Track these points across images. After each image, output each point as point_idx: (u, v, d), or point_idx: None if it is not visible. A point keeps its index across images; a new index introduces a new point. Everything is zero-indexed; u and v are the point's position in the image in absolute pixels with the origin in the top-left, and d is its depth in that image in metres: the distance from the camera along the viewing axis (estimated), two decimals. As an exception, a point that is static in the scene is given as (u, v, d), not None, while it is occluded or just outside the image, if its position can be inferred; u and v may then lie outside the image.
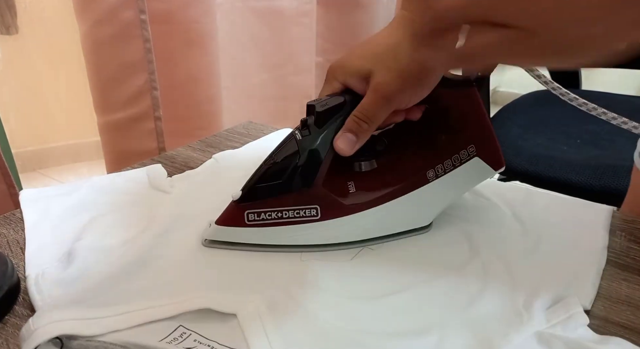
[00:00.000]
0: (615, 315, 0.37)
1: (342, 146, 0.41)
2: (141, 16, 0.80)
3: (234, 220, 0.42)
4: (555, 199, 0.52)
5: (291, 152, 0.41)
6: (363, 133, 0.41)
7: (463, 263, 0.42)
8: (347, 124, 0.41)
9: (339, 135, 0.41)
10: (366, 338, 0.34)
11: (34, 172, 1.97)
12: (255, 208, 0.41)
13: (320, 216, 0.42)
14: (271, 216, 0.41)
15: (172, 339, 0.33)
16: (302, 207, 0.41)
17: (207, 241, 0.43)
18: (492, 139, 0.44)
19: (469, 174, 0.44)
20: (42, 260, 0.41)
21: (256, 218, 0.41)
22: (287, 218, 0.41)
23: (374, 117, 0.41)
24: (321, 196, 0.42)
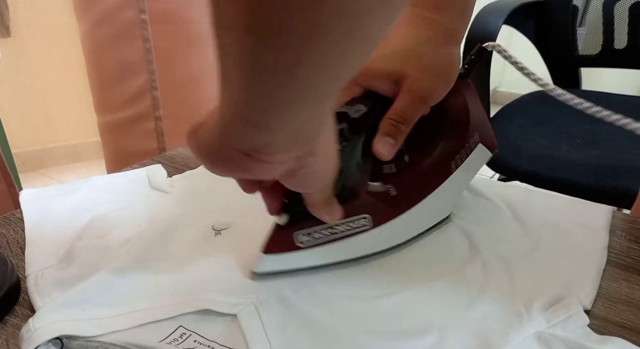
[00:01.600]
0: (615, 315, 0.37)
1: (383, 151, 0.40)
2: (141, 16, 0.80)
3: (283, 245, 0.38)
4: (555, 199, 0.52)
5: None
6: (401, 135, 0.41)
7: (463, 263, 0.42)
8: (383, 128, 0.40)
9: (377, 140, 0.40)
10: (366, 338, 0.34)
11: (34, 172, 1.97)
12: (304, 229, 0.38)
13: (372, 225, 0.40)
14: (323, 234, 0.39)
15: (172, 340, 0.33)
16: (353, 219, 0.40)
17: (256, 274, 0.39)
18: (488, 124, 0.47)
19: (476, 160, 0.45)
20: (42, 260, 0.41)
21: (307, 239, 0.39)
22: (339, 232, 0.39)
23: (411, 117, 0.41)
24: (370, 204, 0.41)
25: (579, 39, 1.26)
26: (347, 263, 0.41)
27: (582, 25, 1.26)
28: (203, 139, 0.28)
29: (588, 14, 1.25)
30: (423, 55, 0.41)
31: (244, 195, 0.51)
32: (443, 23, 0.41)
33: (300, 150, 0.27)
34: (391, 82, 0.41)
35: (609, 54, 1.24)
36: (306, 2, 0.18)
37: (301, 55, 0.20)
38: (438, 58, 0.41)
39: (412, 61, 0.41)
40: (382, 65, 0.41)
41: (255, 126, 0.24)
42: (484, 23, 1.04)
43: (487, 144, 0.46)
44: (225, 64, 0.22)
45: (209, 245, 0.43)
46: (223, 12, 0.20)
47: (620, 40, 1.22)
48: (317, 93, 0.23)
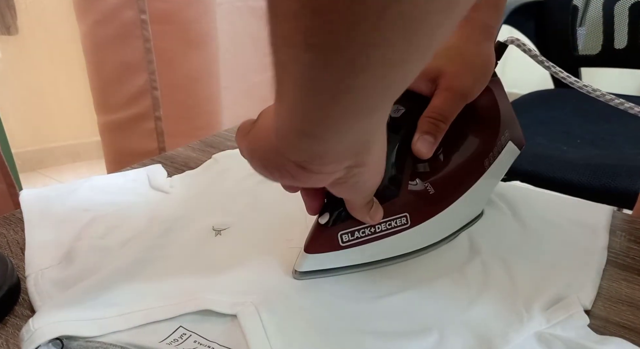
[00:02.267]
0: (615, 315, 0.37)
1: (423, 149, 0.40)
2: (141, 16, 0.80)
3: (327, 244, 0.39)
4: (555, 199, 0.52)
5: None
6: (440, 133, 0.41)
7: (463, 263, 0.42)
8: (422, 126, 0.40)
9: (416, 139, 0.40)
10: (366, 338, 0.34)
11: (34, 172, 1.97)
12: (348, 228, 0.39)
13: (410, 223, 0.41)
14: (365, 233, 0.39)
15: (172, 340, 0.33)
16: (393, 218, 0.40)
17: (298, 273, 0.39)
18: (516, 121, 0.47)
19: (506, 158, 0.45)
20: (42, 260, 0.41)
21: (350, 238, 0.39)
22: (380, 231, 0.40)
23: (451, 115, 0.41)
24: (409, 202, 0.41)
25: (579, 39, 1.26)
26: (387, 261, 0.41)
27: (582, 25, 1.26)
28: (256, 144, 0.28)
29: (588, 13, 1.25)
30: (463, 53, 0.41)
31: (244, 195, 0.51)
32: (480, 20, 0.41)
33: (353, 161, 0.28)
34: (428, 80, 0.41)
35: (609, 53, 1.23)
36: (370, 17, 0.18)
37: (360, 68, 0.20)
38: (477, 54, 0.41)
39: (451, 58, 0.41)
40: None
41: (311, 138, 0.24)
42: (484, 23, 1.04)
43: (516, 141, 0.46)
44: (282, 79, 0.23)
45: (209, 245, 0.43)
46: (281, 29, 0.20)
47: (620, 40, 1.21)
48: (373, 104, 0.23)
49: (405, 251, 0.42)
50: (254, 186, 0.52)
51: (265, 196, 0.50)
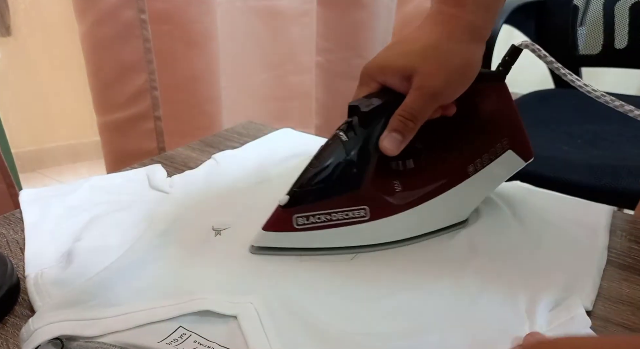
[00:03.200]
0: (615, 315, 0.37)
1: (389, 146, 0.41)
2: (141, 16, 0.80)
3: (282, 225, 0.41)
4: (555, 199, 0.52)
5: (338, 153, 0.41)
6: (409, 132, 0.41)
7: (463, 263, 0.42)
8: (392, 124, 0.41)
9: (384, 135, 0.41)
10: (366, 338, 0.34)
11: (33, 172, 1.97)
12: (303, 212, 0.40)
13: (370, 217, 0.41)
14: (320, 219, 0.41)
15: (172, 341, 0.33)
16: (351, 208, 0.41)
17: (254, 248, 0.42)
18: (522, 131, 0.46)
19: (503, 167, 0.45)
20: (42, 260, 0.41)
21: (305, 222, 0.41)
22: (337, 220, 0.41)
23: (420, 114, 0.41)
24: (370, 196, 0.41)
25: (580, 39, 1.26)
26: (343, 250, 0.42)
27: (582, 24, 1.26)
28: None
29: (588, 13, 1.25)
30: (439, 52, 0.40)
31: (243, 195, 0.51)
32: (465, 18, 0.41)
33: None
34: (403, 78, 0.41)
35: (609, 53, 1.23)
36: None
37: None
38: (456, 54, 0.41)
39: (427, 57, 0.40)
40: (395, 61, 0.41)
41: None
42: (484, 23, 1.04)
43: (520, 151, 0.45)
44: None
45: (209, 245, 0.43)
46: None
47: (620, 39, 1.21)
48: None
49: (362, 243, 0.42)
50: (254, 186, 0.52)
51: (265, 196, 0.50)
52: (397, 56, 0.42)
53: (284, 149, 0.62)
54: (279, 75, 1.13)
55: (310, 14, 1.12)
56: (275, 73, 1.13)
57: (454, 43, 0.41)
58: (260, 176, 0.54)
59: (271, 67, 1.11)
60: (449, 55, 0.40)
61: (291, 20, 1.09)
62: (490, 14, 0.42)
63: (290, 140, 0.65)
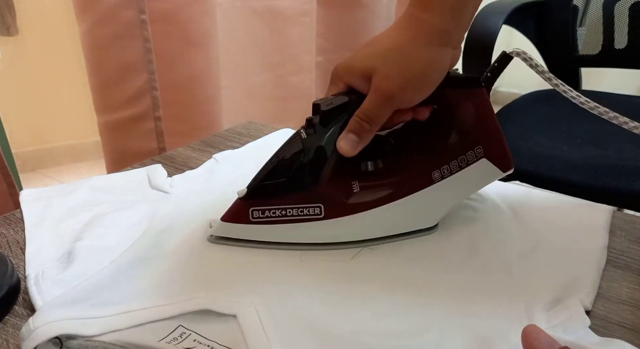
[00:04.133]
0: (615, 315, 0.37)
1: (345, 147, 0.41)
2: (141, 16, 0.80)
3: (239, 216, 0.42)
4: (555, 199, 0.52)
5: (296, 150, 0.41)
6: (365, 133, 0.41)
7: (463, 262, 0.42)
8: (349, 125, 0.41)
9: (341, 136, 0.41)
10: (366, 338, 0.34)
11: (34, 172, 1.97)
12: (260, 206, 0.41)
13: (324, 215, 0.42)
14: (275, 214, 0.41)
15: (172, 339, 0.33)
16: (306, 205, 0.41)
17: (213, 237, 0.43)
18: (500, 141, 0.44)
19: (476, 175, 0.44)
20: (42, 260, 0.41)
21: (261, 215, 0.42)
22: (291, 216, 0.41)
23: (376, 117, 0.41)
24: (325, 195, 0.42)
25: (579, 39, 1.26)
26: (296, 246, 0.42)
27: (582, 25, 1.26)
28: None
29: (588, 13, 1.25)
30: (400, 55, 0.40)
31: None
32: (431, 22, 0.40)
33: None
34: (364, 80, 0.41)
35: (609, 53, 1.23)
36: None
37: None
38: (417, 58, 0.40)
39: (387, 60, 0.40)
40: (359, 62, 0.42)
41: None
42: (484, 23, 1.04)
43: (497, 162, 0.44)
44: None
45: (208, 244, 0.43)
46: None
47: (620, 40, 1.21)
48: None
49: (317, 241, 0.43)
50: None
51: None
52: (362, 57, 0.42)
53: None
54: (279, 75, 1.13)
55: (310, 14, 1.12)
56: (275, 73, 1.13)
57: (417, 47, 0.40)
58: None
59: (271, 67, 1.11)
60: (409, 58, 0.40)
61: (291, 20, 1.09)
62: (460, 18, 0.41)
63: (290, 140, 0.65)
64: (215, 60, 0.94)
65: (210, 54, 0.92)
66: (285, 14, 1.07)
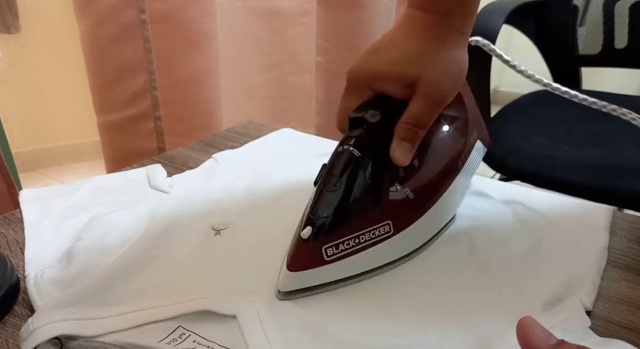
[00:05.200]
0: (615, 315, 0.37)
1: (401, 156, 0.40)
2: (141, 16, 0.80)
3: (312, 260, 0.37)
4: (555, 199, 0.52)
5: (355, 171, 0.38)
6: (418, 139, 0.41)
7: (463, 262, 0.42)
8: (399, 133, 0.40)
9: (395, 146, 0.40)
10: (365, 338, 0.34)
11: (33, 172, 1.97)
12: (332, 241, 0.37)
13: (393, 231, 0.39)
14: (349, 245, 0.37)
15: (172, 340, 0.33)
16: (376, 226, 0.38)
17: (282, 293, 0.37)
18: (482, 121, 0.47)
19: (476, 156, 0.46)
20: (42, 260, 0.41)
21: (335, 251, 0.37)
22: (365, 242, 0.38)
23: (428, 121, 0.41)
24: (391, 209, 0.40)
25: (580, 39, 1.26)
26: (371, 273, 0.40)
27: (582, 24, 1.26)
28: None
29: (588, 13, 1.25)
30: (439, 58, 0.41)
31: (243, 195, 0.51)
32: (455, 27, 0.42)
33: None
34: (404, 86, 0.41)
35: (609, 53, 1.23)
36: None
37: None
38: (454, 61, 0.42)
39: (428, 64, 0.41)
40: (394, 68, 0.41)
41: None
42: (484, 22, 1.04)
43: (483, 140, 0.47)
44: None
45: (208, 245, 0.43)
46: None
47: (620, 39, 1.21)
48: None
49: (389, 260, 0.41)
50: (253, 186, 0.52)
51: (264, 195, 0.50)
52: (392, 63, 0.41)
53: (284, 149, 0.62)
54: (279, 75, 1.13)
55: (310, 14, 1.12)
56: (275, 73, 1.13)
57: (450, 50, 0.42)
58: (260, 176, 0.54)
59: (271, 67, 1.11)
60: (449, 62, 0.42)
61: (291, 20, 1.09)
62: (471, 21, 0.43)
63: (290, 140, 0.66)
64: (215, 60, 0.94)
65: (210, 54, 0.92)
66: (285, 14, 1.07)
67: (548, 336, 0.27)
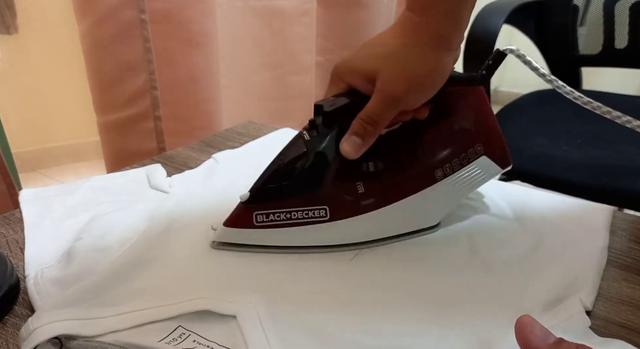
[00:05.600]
0: (615, 315, 0.37)
1: (348, 149, 0.41)
2: (141, 16, 0.80)
3: (242, 221, 0.41)
4: (555, 199, 0.52)
5: (300, 152, 0.41)
6: (369, 135, 0.41)
7: (463, 263, 0.42)
8: (352, 127, 0.41)
9: (345, 138, 0.41)
10: (365, 338, 0.34)
11: (33, 172, 1.97)
12: (264, 210, 0.41)
13: (329, 217, 0.41)
14: (280, 218, 0.41)
15: (172, 340, 0.33)
16: (310, 208, 0.41)
17: (216, 243, 0.42)
18: (499, 137, 0.45)
19: (476, 173, 0.44)
20: (42, 260, 0.41)
21: (265, 219, 0.41)
22: (296, 219, 0.41)
23: (380, 119, 0.40)
24: (330, 196, 0.41)
25: (580, 39, 1.26)
26: (305, 249, 0.42)
27: (582, 24, 1.26)
28: None
29: (589, 13, 1.25)
30: (404, 58, 0.40)
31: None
32: (432, 27, 0.40)
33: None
34: (367, 81, 0.41)
35: (609, 53, 1.23)
36: None
37: None
38: (420, 61, 0.40)
39: (391, 62, 0.40)
40: (361, 62, 0.41)
41: None
42: (485, 22, 1.04)
43: (496, 159, 0.44)
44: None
45: (208, 245, 0.43)
46: None
47: (621, 39, 1.21)
48: None
49: (322, 244, 0.42)
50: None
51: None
52: (364, 58, 0.42)
53: (284, 149, 0.62)
54: (279, 75, 1.13)
55: (310, 14, 1.12)
56: (275, 73, 1.13)
57: (419, 50, 0.40)
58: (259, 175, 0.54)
59: (271, 67, 1.11)
60: (413, 61, 0.40)
61: (291, 20, 1.09)
62: (457, 23, 0.41)
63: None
64: (215, 60, 0.94)
65: (210, 53, 0.92)
66: (285, 13, 1.07)
67: (547, 335, 0.27)
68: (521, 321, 0.27)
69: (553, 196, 0.53)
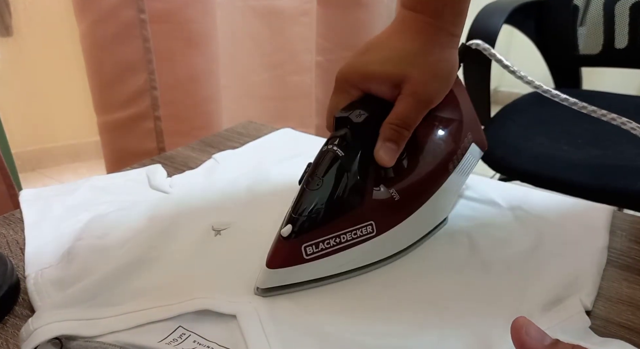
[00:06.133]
0: (615, 315, 0.37)
1: (386, 157, 0.40)
2: (141, 16, 0.80)
3: (290, 258, 0.37)
4: (555, 199, 0.52)
5: (337, 170, 0.38)
6: (403, 140, 0.40)
7: (463, 263, 0.42)
8: (385, 133, 0.40)
9: (378, 146, 0.40)
10: (365, 338, 0.34)
11: (33, 172, 1.97)
12: (312, 240, 0.37)
13: (376, 232, 0.39)
14: (330, 244, 0.37)
15: (172, 340, 0.33)
16: (358, 226, 0.38)
17: (261, 290, 0.37)
18: (478, 123, 0.47)
19: (470, 160, 0.45)
20: (42, 260, 0.41)
21: (315, 250, 0.37)
22: (345, 241, 0.38)
23: (414, 122, 0.41)
24: (374, 210, 0.39)
25: (580, 39, 1.26)
26: (352, 273, 0.40)
27: (582, 24, 1.26)
28: None
29: (589, 13, 1.25)
30: (428, 59, 0.41)
31: (243, 195, 0.51)
32: (445, 28, 0.41)
33: None
34: (392, 86, 0.40)
35: (609, 53, 1.23)
36: None
37: None
38: (442, 60, 0.41)
39: (417, 65, 0.40)
40: (383, 68, 0.41)
41: None
42: (485, 22, 1.04)
43: (479, 143, 0.46)
44: None
45: (208, 245, 0.43)
46: None
47: (621, 39, 1.21)
48: None
49: (372, 261, 0.40)
50: (253, 186, 0.52)
51: (264, 195, 0.50)
52: (381, 63, 0.41)
53: (284, 149, 0.62)
54: (279, 75, 1.13)
55: (310, 14, 1.12)
56: (275, 73, 1.13)
57: (440, 50, 0.41)
58: (260, 176, 0.54)
59: (271, 67, 1.11)
60: (439, 62, 0.41)
61: (291, 20, 1.09)
62: (462, 23, 0.43)
63: (290, 140, 0.65)
64: (215, 60, 0.94)
65: (210, 53, 0.92)
66: (285, 13, 1.07)
67: (542, 337, 0.27)
68: (516, 323, 0.27)
69: (553, 196, 0.53)
